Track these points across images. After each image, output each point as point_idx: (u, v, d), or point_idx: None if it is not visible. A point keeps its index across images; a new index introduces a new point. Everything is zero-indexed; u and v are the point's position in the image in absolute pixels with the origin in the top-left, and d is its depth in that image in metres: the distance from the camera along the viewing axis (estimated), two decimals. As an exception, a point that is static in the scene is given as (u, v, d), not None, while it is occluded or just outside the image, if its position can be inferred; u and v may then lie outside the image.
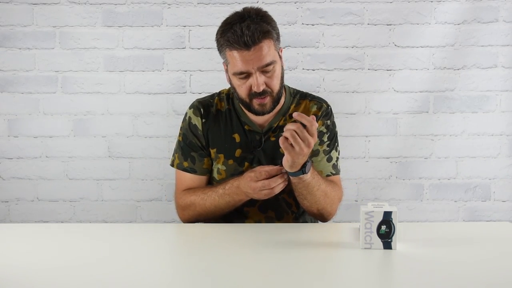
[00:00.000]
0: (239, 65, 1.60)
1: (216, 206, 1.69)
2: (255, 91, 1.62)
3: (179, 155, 1.79)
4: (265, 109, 1.67)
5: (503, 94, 2.41)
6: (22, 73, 2.41)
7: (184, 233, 1.61)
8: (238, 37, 1.57)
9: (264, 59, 1.59)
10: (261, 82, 1.61)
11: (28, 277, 1.20)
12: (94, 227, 1.83)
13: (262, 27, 1.59)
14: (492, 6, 2.38)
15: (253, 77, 1.61)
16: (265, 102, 1.65)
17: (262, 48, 1.58)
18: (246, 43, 1.56)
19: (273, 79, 1.64)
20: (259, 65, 1.59)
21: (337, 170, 1.78)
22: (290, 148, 1.49)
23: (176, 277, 1.25)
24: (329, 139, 1.76)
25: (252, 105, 1.66)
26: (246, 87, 1.63)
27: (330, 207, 1.70)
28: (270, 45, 1.61)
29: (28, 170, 2.43)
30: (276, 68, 1.64)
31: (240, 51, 1.58)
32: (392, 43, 2.40)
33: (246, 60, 1.58)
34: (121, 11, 2.39)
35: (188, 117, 1.79)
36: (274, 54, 1.62)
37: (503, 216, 2.45)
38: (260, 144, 1.74)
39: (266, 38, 1.59)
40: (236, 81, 1.65)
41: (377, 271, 1.29)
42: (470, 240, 1.48)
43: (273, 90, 1.65)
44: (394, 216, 1.35)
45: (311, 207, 1.67)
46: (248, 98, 1.65)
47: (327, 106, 1.80)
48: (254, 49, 1.58)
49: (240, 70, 1.60)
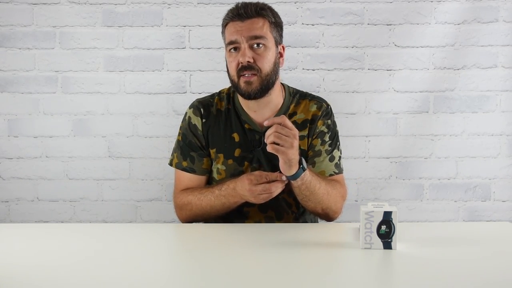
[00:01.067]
0: (230, 36, 1.67)
1: (211, 206, 1.69)
2: (241, 64, 1.64)
3: (178, 155, 1.79)
4: (251, 89, 1.66)
5: (503, 94, 2.41)
6: (22, 73, 2.41)
7: (184, 233, 1.61)
8: (235, 9, 1.68)
9: (254, 31, 1.65)
10: (248, 54, 1.64)
11: (28, 277, 1.20)
12: (94, 227, 1.83)
13: (259, 5, 1.69)
14: (492, 6, 2.38)
15: (241, 49, 1.65)
16: (251, 80, 1.65)
17: (254, 22, 1.66)
18: (240, 14, 1.66)
19: (262, 57, 1.66)
20: (247, 35, 1.64)
21: (340, 169, 1.78)
22: (280, 148, 1.51)
23: (176, 277, 1.25)
24: (330, 138, 1.76)
25: (239, 84, 1.67)
26: (236, 61, 1.66)
27: (335, 206, 1.70)
28: (264, 24, 1.67)
29: (28, 170, 2.43)
30: (268, 50, 1.67)
31: (234, 22, 1.67)
32: (392, 43, 2.40)
33: (236, 30, 1.66)
34: (121, 11, 2.39)
35: (188, 116, 1.80)
36: (266, 33, 1.67)
37: (503, 216, 2.45)
38: (260, 144, 1.74)
39: (260, 15, 1.67)
40: (228, 56, 1.69)
41: (377, 271, 1.29)
42: (470, 240, 1.48)
43: (261, 69, 1.66)
44: (394, 216, 1.35)
45: (316, 207, 1.67)
46: (236, 75, 1.67)
47: (327, 105, 1.80)
48: (247, 22, 1.66)
49: (230, 39, 1.66)
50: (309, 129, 1.76)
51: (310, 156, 1.75)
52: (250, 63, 1.64)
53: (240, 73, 1.66)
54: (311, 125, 1.76)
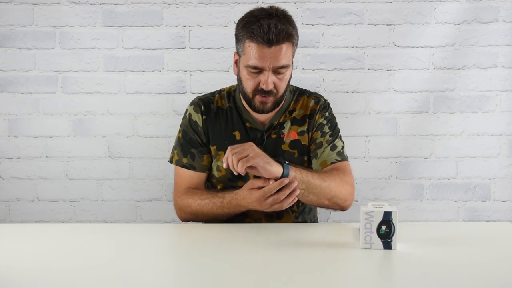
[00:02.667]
0: (255, 60, 1.61)
1: (214, 214, 1.69)
2: (262, 88, 1.63)
3: (179, 152, 1.80)
4: (265, 108, 1.68)
5: (503, 94, 2.41)
6: (22, 73, 2.41)
7: (184, 233, 1.61)
8: (264, 32, 1.58)
9: (282, 60, 1.61)
10: (271, 82, 1.63)
11: (28, 277, 1.20)
12: (94, 227, 1.83)
13: (288, 30, 1.61)
14: (492, 6, 2.38)
15: (264, 74, 1.63)
16: (267, 101, 1.67)
17: (282, 49, 1.61)
18: (270, 40, 1.59)
19: (282, 82, 1.66)
20: (274, 65, 1.61)
21: (344, 156, 1.75)
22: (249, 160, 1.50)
23: (176, 277, 1.25)
24: (330, 129, 1.77)
25: (253, 101, 1.68)
26: (255, 82, 1.65)
27: (341, 193, 1.65)
28: (289, 48, 1.63)
29: (28, 170, 2.43)
30: (287, 72, 1.66)
31: (261, 45, 1.60)
32: (392, 43, 2.41)
33: (264, 56, 1.60)
34: (121, 11, 2.39)
35: (189, 113, 1.80)
36: (290, 58, 1.65)
37: (503, 216, 2.45)
38: (262, 142, 1.74)
39: (288, 40, 1.62)
40: (245, 73, 1.66)
41: (377, 271, 1.29)
42: (470, 240, 1.48)
43: (278, 92, 1.67)
44: (394, 216, 1.36)
45: (320, 200, 1.63)
46: (252, 93, 1.67)
47: (324, 100, 1.82)
48: (275, 48, 1.60)
49: (255, 65, 1.62)
50: (308, 124, 1.77)
51: (313, 149, 1.75)
52: (271, 89, 1.64)
53: (257, 93, 1.66)
54: (310, 120, 1.77)
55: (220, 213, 1.68)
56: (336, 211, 1.76)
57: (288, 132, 1.76)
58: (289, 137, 1.76)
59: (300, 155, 1.76)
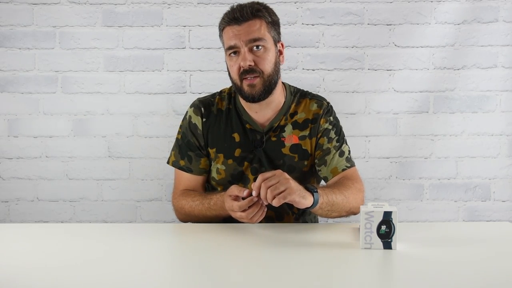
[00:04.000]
0: (229, 40, 1.65)
1: (204, 216, 1.69)
2: (243, 68, 1.64)
3: (176, 153, 1.80)
4: (254, 91, 1.66)
5: (503, 94, 2.42)
6: (22, 73, 2.41)
7: (184, 233, 1.61)
8: (230, 13, 1.66)
9: (253, 33, 1.64)
10: (248, 58, 1.63)
11: (28, 277, 1.20)
12: (94, 227, 1.83)
13: (255, 6, 1.67)
14: (492, 6, 2.38)
15: (241, 53, 1.65)
16: (254, 83, 1.65)
17: (251, 24, 1.64)
18: (236, 17, 1.64)
19: (263, 59, 1.66)
20: (246, 38, 1.63)
21: (352, 162, 1.77)
22: (284, 195, 1.43)
23: (176, 277, 1.25)
24: (336, 134, 1.76)
25: (242, 88, 1.67)
26: (237, 66, 1.66)
27: (356, 203, 1.65)
28: (261, 25, 1.66)
29: (28, 170, 2.43)
30: (268, 50, 1.66)
31: (231, 26, 1.65)
32: (392, 43, 2.41)
33: (235, 34, 1.64)
34: (121, 11, 2.39)
35: (189, 116, 1.80)
36: (265, 34, 1.66)
37: (503, 216, 2.45)
38: (262, 144, 1.74)
39: (257, 16, 1.66)
40: (228, 61, 1.68)
41: (377, 271, 1.29)
42: (470, 240, 1.48)
43: (263, 71, 1.66)
44: (394, 216, 1.35)
45: (341, 214, 1.64)
46: (239, 79, 1.67)
47: (327, 103, 1.80)
48: (244, 25, 1.64)
49: (229, 45, 1.65)
50: (311, 129, 1.76)
51: (320, 156, 1.74)
52: (251, 66, 1.63)
53: (242, 77, 1.65)
54: (313, 125, 1.76)
55: (209, 215, 1.67)
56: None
57: (289, 135, 1.75)
58: (290, 141, 1.75)
59: (301, 159, 1.75)
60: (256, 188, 1.45)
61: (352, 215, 1.70)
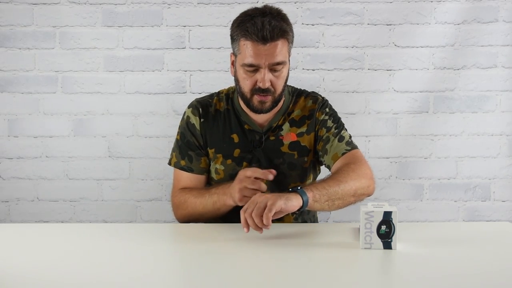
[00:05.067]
0: (251, 58, 1.61)
1: (204, 205, 1.67)
2: (259, 87, 1.63)
3: (177, 154, 1.80)
4: (264, 108, 1.67)
5: (503, 94, 2.42)
6: (22, 73, 2.41)
7: (184, 233, 1.61)
8: (258, 30, 1.58)
9: (277, 57, 1.61)
10: (267, 79, 1.62)
11: (28, 277, 1.20)
12: (94, 227, 1.83)
13: (282, 26, 1.61)
14: (492, 6, 2.38)
15: (260, 72, 1.62)
16: (266, 101, 1.66)
17: (277, 46, 1.60)
18: (265, 37, 1.58)
19: (279, 79, 1.65)
20: (270, 62, 1.61)
21: (353, 145, 1.72)
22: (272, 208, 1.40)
23: (176, 277, 1.25)
24: (334, 122, 1.76)
25: (252, 101, 1.67)
26: (252, 81, 1.64)
27: (361, 183, 1.59)
28: (284, 45, 1.62)
29: (28, 170, 2.43)
30: (284, 69, 1.66)
31: (256, 43, 1.59)
32: (392, 43, 2.41)
33: (259, 53, 1.60)
34: (121, 11, 2.39)
35: (187, 116, 1.80)
36: (285, 55, 1.64)
37: (503, 216, 2.45)
38: (261, 144, 1.74)
39: (283, 37, 1.61)
40: (242, 73, 1.65)
41: (377, 271, 1.29)
42: (470, 240, 1.48)
43: (276, 90, 1.66)
44: (394, 216, 1.36)
45: (346, 200, 1.57)
46: (250, 93, 1.66)
47: (321, 98, 1.81)
48: (270, 45, 1.59)
49: (251, 63, 1.61)
50: (308, 125, 1.76)
51: (321, 147, 1.73)
52: (268, 87, 1.63)
53: (255, 92, 1.65)
54: (309, 120, 1.76)
55: (209, 203, 1.65)
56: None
57: (286, 133, 1.75)
58: (288, 139, 1.75)
59: (300, 156, 1.76)
60: (244, 225, 1.42)
61: (367, 197, 1.63)
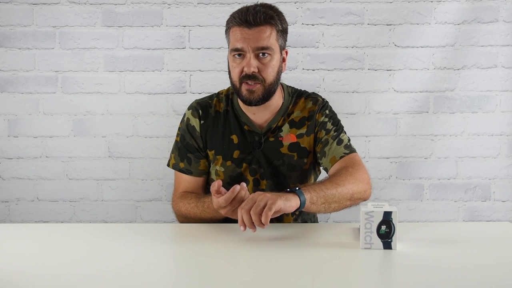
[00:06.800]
0: (236, 42, 1.63)
1: (199, 217, 1.68)
2: (245, 73, 1.63)
3: (176, 156, 1.80)
4: (253, 97, 1.65)
5: (503, 94, 2.42)
6: (22, 73, 2.41)
7: (184, 233, 1.61)
8: (243, 14, 1.62)
9: (262, 41, 1.62)
10: (253, 64, 1.62)
11: (28, 277, 1.20)
12: (94, 227, 1.83)
13: (268, 12, 1.63)
14: (492, 6, 2.38)
15: (246, 57, 1.63)
16: (254, 89, 1.65)
17: (262, 31, 1.62)
18: (248, 20, 1.61)
19: (267, 67, 1.64)
20: (255, 45, 1.61)
21: (352, 149, 1.72)
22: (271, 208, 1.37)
23: (176, 277, 1.25)
24: (333, 125, 1.76)
25: (241, 90, 1.66)
26: (239, 68, 1.64)
27: (358, 187, 1.59)
28: (271, 32, 1.63)
29: (28, 170, 2.43)
30: (273, 59, 1.65)
31: (241, 27, 1.62)
32: (392, 43, 2.41)
33: (244, 38, 1.62)
34: (121, 11, 2.39)
35: (187, 118, 1.80)
36: (273, 43, 1.64)
37: (503, 216, 2.45)
38: (260, 145, 1.74)
39: (268, 23, 1.63)
40: (231, 61, 1.66)
41: (377, 271, 1.29)
42: (470, 240, 1.48)
43: (265, 79, 1.65)
44: (394, 216, 1.35)
45: (342, 203, 1.56)
46: (239, 81, 1.65)
47: (322, 99, 1.81)
48: (255, 30, 1.61)
49: (236, 47, 1.63)
50: (308, 126, 1.76)
51: (320, 149, 1.74)
52: (254, 73, 1.63)
53: (242, 80, 1.65)
54: (309, 122, 1.76)
55: (204, 217, 1.66)
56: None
57: (286, 134, 1.75)
58: (288, 140, 1.75)
59: (300, 157, 1.75)
60: (241, 223, 1.41)
61: (362, 201, 1.61)
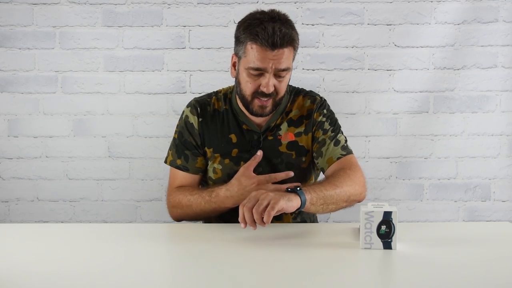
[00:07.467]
0: (258, 62, 1.61)
1: (202, 210, 1.69)
2: (262, 91, 1.64)
3: (173, 152, 1.80)
4: (264, 112, 1.69)
5: (503, 94, 2.42)
6: (22, 73, 2.41)
7: (183, 233, 1.61)
8: (268, 35, 1.59)
9: (283, 63, 1.62)
10: (271, 84, 1.63)
11: (28, 277, 1.20)
12: (94, 227, 1.83)
13: (291, 34, 1.63)
14: (492, 6, 2.38)
15: (265, 77, 1.63)
16: (267, 105, 1.67)
17: (284, 53, 1.61)
18: (275, 43, 1.59)
19: (281, 84, 1.66)
20: (277, 67, 1.62)
21: (348, 150, 1.74)
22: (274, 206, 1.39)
23: (176, 277, 1.25)
24: (331, 125, 1.76)
25: (252, 104, 1.67)
26: (255, 85, 1.64)
27: (354, 190, 1.61)
28: (291, 52, 1.64)
29: (28, 170, 2.43)
30: (287, 75, 1.67)
31: (264, 48, 1.60)
32: (392, 43, 2.41)
33: (267, 58, 1.60)
34: (121, 11, 2.39)
35: (185, 115, 1.80)
36: (290, 62, 1.66)
37: (503, 216, 2.45)
38: (259, 144, 1.74)
39: (291, 45, 1.63)
40: (245, 76, 1.65)
41: (377, 271, 1.29)
42: (470, 240, 1.48)
43: (278, 94, 1.67)
44: (394, 216, 1.36)
45: (338, 205, 1.58)
46: (251, 96, 1.66)
47: (320, 98, 1.81)
48: (278, 51, 1.60)
49: (258, 67, 1.61)
50: (306, 125, 1.76)
51: (316, 148, 1.74)
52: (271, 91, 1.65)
53: (256, 96, 1.66)
54: (307, 120, 1.76)
55: (206, 209, 1.67)
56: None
57: (285, 133, 1.75)
58: (286, 139, 1.75)
59: (298, 156, 1.76)
60: (242, 220, 1.42)
61: (357, 203, 1.63)
